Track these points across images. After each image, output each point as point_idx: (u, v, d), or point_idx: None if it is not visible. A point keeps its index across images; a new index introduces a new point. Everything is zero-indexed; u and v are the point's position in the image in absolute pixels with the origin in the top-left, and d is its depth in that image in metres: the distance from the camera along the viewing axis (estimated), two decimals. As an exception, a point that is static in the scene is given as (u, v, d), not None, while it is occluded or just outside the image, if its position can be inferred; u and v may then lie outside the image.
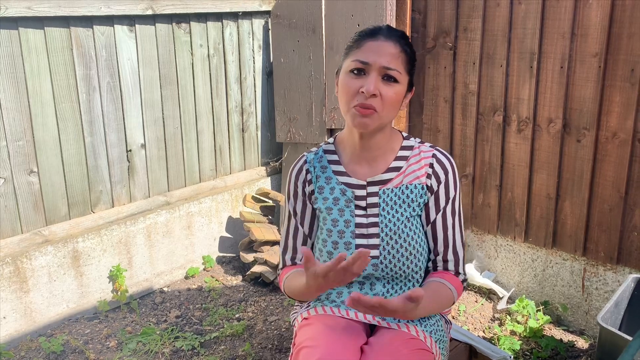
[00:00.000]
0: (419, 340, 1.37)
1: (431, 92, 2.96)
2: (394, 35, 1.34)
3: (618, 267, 2.43)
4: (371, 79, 1.30)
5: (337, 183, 1.45)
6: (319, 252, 1.47)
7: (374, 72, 1.30)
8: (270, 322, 2.67)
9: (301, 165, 1.50)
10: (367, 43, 1.33)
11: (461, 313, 2.70)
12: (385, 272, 1.42)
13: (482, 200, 2.86)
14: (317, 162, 1.48)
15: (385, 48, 1.31)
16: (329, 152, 1.49)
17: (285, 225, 1.53)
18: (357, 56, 1.32)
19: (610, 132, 2.36)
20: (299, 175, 1.49)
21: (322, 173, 1.47)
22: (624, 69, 2.28)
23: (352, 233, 1.43)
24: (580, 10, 2.36)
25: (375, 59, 1.30)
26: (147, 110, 2.91)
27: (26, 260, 2.50)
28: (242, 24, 3.27)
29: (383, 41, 1.32)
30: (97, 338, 2.56)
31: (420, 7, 2.92)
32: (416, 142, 1.47)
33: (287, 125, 3.31)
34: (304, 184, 1.48)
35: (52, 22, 2.51)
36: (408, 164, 1.43)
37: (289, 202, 1.51)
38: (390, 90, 1.32)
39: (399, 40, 1.34)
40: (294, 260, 1.52)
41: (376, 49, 1.31)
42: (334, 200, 1.45)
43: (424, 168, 1.43)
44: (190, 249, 3.14)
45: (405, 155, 1.45)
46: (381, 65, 1.30)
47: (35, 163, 2.56)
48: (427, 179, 1.42)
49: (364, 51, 1.32)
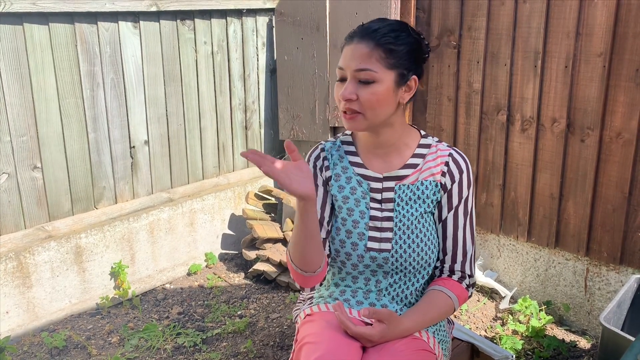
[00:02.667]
0: (421, 341, 1.37)
1: (435, 91, 2.96)
2: (367, 33, 1.32)
3: (621, 268, 2.42)
4: (346, 85, 1.33)
5: (354, 174, 1.46)
6: (331, 240, 1.46)
7: (349, 77, 1.33)
8: (272, 320, 2.68)
9: (319, 152, 1.50)
10: (345, 48, 1.35)
11: (463, 312, 2.70)
12: (395, 266, 1.43)
13: (485, 200, 2.85)
14: (335, 151, 1.49)
15: (357, 50, 1.32)
16: (346, 143, 1.50)
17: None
18: (339, 62, 1.36)
19: (614, 132, 2.35)
20: (317, 162, 1.49)
21: (339, 162, 1.48)
22: (628, 68, 2.27)
23: (366, 225, 1.43)
24: (585, 9, 2.35)
25: (348, 64, 1.32)
26: (150, 106, 2.91)
27: (29, 256, 2.51)
28: (246, 21, 3.27)
29: (356, 43, 1.33)
30: (100, 334, 2.56)
31: (424, 6, 2.91)
32: (434, 141, 1.48)
33: (290, 123, 3.31)
34: (321, 169, 1.48)
35: (56, 18, 2.51)
36: (425, 161, 1.45)
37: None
38: (366, 91, 1.31)
39: (372, 36, 1.31)
40: None
41: (350, 54, 1.33)
42: (351, 190, 1.45)
43: (440, 166, 1.44)
44: (193, 246, 3.15)
45: (422, 153, 1.46)
46: (353, 70, 1.32)
47: (39, 159, 2.57)
48: (442, 177, 1.44)
49: (342, 57, 1.35)
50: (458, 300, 1.43)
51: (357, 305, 1.46)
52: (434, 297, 1.41)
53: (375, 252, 1.42)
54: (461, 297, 1.44)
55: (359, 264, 1.44)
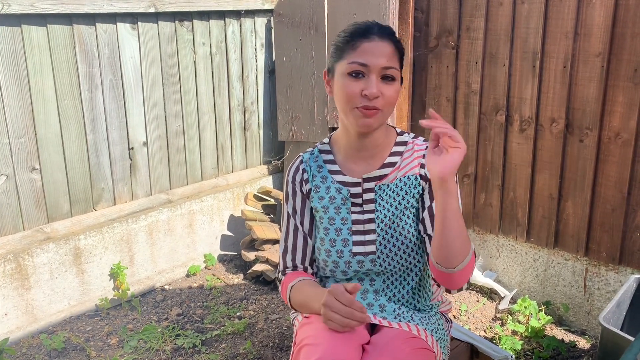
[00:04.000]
0: (420, 340, 1.37)
1: (433, 91, 2.96)
2: (387, 34, 1.36)
3: (620, 268, 2.42)
4: (372, 82, 1.31)
5: (333, 182, 1.46)
6: (317, 251, 1.47)
7: (373, 74, 1.32)
8: (271, 321, 2.67)
9: (297, 165, 1.51)
10: (362, 44, 1.33)
11: (462, 312, 2.70)
12: (383, 267, 1.42)
13: (484, 200, 2.85)
14: (313, 162, 1.49)
15: (381, 48, 1.33)
16: (325, 152, 1.50)
17: (285, 226, 1.52)
18: (354, 58, 1.32)
19: (613, 132, 2.35)
20: (296, 175, 1.49)
21: (317, 172, 1.48)
22: (627, 69, 2.27)
23: (349, 230, 1.43)
24: (584, 9, 2.35)
25: (374, 61, 1.31)
26: (149, 108, 2.91)
27: (28, 258, 2.50)
28: (244, 22, 3.27)
29: (378, 41, 1.33)
30: (99, 335, 2.56)
31: (423, 6, 2.92)
32: (410, 138, 1.48)
33: (289, 123, 3.31)
34: (301, 183, 1.49)
35: (55, 20, 2.51)
36: (402, 158, 1.44)
37: (288, 203, 1.51)
38: (390, 89, 1.33)
39: (392, 38, 1.36)
40: (295, 261, 1.50)
41: (372, 50, 1.32)
42: (330, 199, 1.45)
43: (417, 159, 1.43)
44: (192, 247, 3.14)
45: (399, 150, 1.46)
46: (381, 67, 1.32)
47: (37, 160, 2.56)
48: (421, 169, 1.42)
49: (360, 53, 1.32)
50: (472, 252, 1.32)
51: None
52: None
53: (361, 255, 1.42)
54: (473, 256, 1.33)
55: (348, 270, 1.44)
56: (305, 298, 1.38)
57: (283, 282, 1.48)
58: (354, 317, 1.21)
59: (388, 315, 1.44)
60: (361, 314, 1.22)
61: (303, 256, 1.49)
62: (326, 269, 1.46)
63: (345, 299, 1.21)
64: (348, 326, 1.23)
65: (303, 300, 1.39)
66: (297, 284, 1.43)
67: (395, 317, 1.43)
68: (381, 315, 1.44)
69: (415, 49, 2.98)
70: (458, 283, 1.32)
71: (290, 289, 1.44)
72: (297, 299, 1.41)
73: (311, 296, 1.36)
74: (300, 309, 1.43)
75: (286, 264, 1.52)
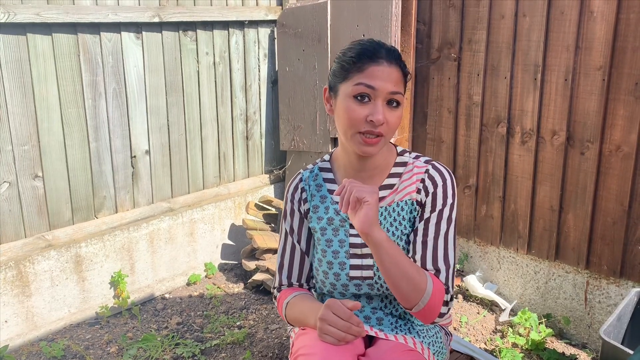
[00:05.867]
0: (416, 353, 1.36)
1: (435, 103, 2.97)
2: (394, 59, 1.32)
3: (621, 281, 2.42)
4: (378, 107, 1.28)
5: (332, 202, 1.44)
6: (315, 271, 1.47)
7: (379, 99, 1.28)
8: (271, 331, 2.67)
9: (297, 183, 1.49)
10: (370, 67, 1.29)
11: (463, 324, 2.69)
12: (381, 291, 1.41)
13: (485, 212, 2.85)
14: (312, 181, 1.47)
15: (390, 74, 1.29)
16: (325, 170, 1.48)
17: (282, 244, 1.51)
18: (361, 80, 1.29)
19: (614, 146, 2.36)
20: (295, 194, 1.48)
21: (317, 192, 1.46)
22: (628, 82, 2.28)
23: (347, 253, 1.41)
24: (585, 23, 2.37)
25: (382, 85, 1.28)
26: (152, 116, 2.93)
27: (29, 265, 2.51)
28: (248, 32, 3.29)
29: (387, 66, 1.30)
30: (98, 343, 2.55)
31: (425, 18, 2.94)
32: (411, 158, 1.43)
33: (291, 133, 3.32)
34: (299, 202, 1.47)
35: (59, 29, 2.53)
36: (401, 180, 1.41)
37: (286, 221, 1.50)
38: (394, 115, 1.31)
39: (399, 62, 1.33)
40: (291, 279, 1.50)
41: (381, 75, 1.28)
42: (328, 220, 1.44)
43: (415, 184, 1.39)
44: (193, 256, 3.14)
45: (398, 172, 1.42)
46: (388, 92, 1.29)
47: (40, 168, 2.57)
48: (417, 194, 1.39)
49: (368, 76, 1.29)
50: (432, 287, 1.27)
51: None
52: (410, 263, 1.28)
53: (358, 280, 1.41)
54: (437, 289, 1.28)
55: (346, 292, 1.43)
56: (300, 313, 1.38)
57: (278, 299, 1.49)
58: (351, 331, 1.21)
59: (385, 327, 1.43)
60: (358, 328, 1.22)
61: (299, 274, 1.49)
62: (324, 288, 1.46)
63: (344, 313, 1.21)
64: (344, 340, 1.23)
65: (298, 315, 1.39)
66: (292, 299, 1.43)
67: (392, 329, 1.43)
68: (378, 327, 1.44)
69: (417, 60, 3.00)
70: (427, 319, 1.31)
71: (285, 305, 1.44)
72: (292, 315, 1.41)
73: (306, 311, 1.35)
74: (295, 324, 1.43)
75: (282, 281, 1.51)
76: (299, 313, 1.38)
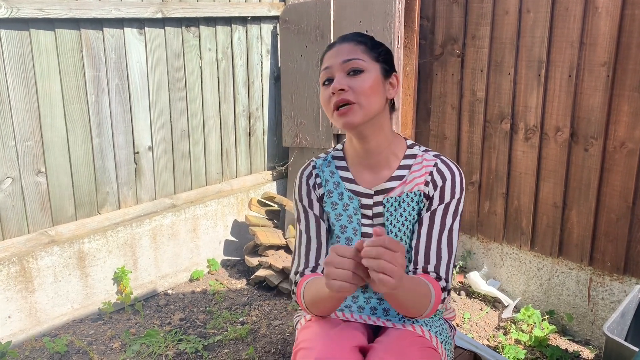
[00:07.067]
0: (425, 339, 1.37)
1: (438, 99, 2.96)
2: (349, 37, 1.39)
3: (625, 278, 2.41)
4: (336, 79, 1.33)
5: (345, 189, 1.45)
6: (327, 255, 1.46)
7: (337, 72, 1.34)
8: (274, 327, 2.67)
9: (310, 170, 1.50)
10: (327, 54, 1.39)
11: (466, 321, 2.69)
12: None
13: (489, 208, 2.85)
14: (326, 167, 1.49)
15: (341, 49, 1.37)
16: (337, 158, 1.50)
17: (298, 227, 1.50)
18: (324, 66, 1.38)
19: (618, 142, 2.35)
20: (309, 179, 1.48)
21: (330, 178, 1.47)
22: (632, 78, 2.27)
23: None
24: (589, 19, 2.36)
25: (334, 60, 1.35)
26: (155, 112, 2.93)
27: (32, 260, 2.51)
28: (250, 28, 3.28)
29: (339, 45, 1.38)
30: (101, 339, 2.56)
31: (428, 14, 2.93)
32: (420, 151, 1.45)
33: (294, 129, 3.31)
34: (314, 187, 1.48)
35: (62, 24, 2.53)
36: (410, 172, 1.43)
37: (301, 203, 1.49)
38: (358, 80, 1.33)
39: (354, 37, 1.39)
40: (308, 256, 1.46)
41: (334, 54, 1.37)
42: (344, 206, 1.45)
43: (424, 176, 1.41)
44: (195, 252, 3.15)
45: (408, 164, 1.44)
46: (340, 62, 1.34)
47: (43, 163, 2.57)
48: (425, 187, 1.41)
49: (326, 60, 1.38)
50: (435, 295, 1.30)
51: (359, 310, 1.46)
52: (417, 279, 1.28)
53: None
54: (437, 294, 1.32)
55: None
56: (316, 291, 1.34)
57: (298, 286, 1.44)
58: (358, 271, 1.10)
59: (392, 318, 1.44)
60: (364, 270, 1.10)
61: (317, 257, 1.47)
62: None
63: (349, 252, 1.11)
64: (351, 281, 1.10)
65: (314, 293, 1.35)
66: (311, 280, 1.39)
67: (400, 319, 1.43)
68: (385, 317, 1.44)
69: (421, 56, 2.99)
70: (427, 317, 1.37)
71: (304, 287, 1.40)
72: (309, 294, 1.37)
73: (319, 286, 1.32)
74: (311, 306, 1.38)
75: (300, 265, 1.48)
76: (315, 291, 1.34)
